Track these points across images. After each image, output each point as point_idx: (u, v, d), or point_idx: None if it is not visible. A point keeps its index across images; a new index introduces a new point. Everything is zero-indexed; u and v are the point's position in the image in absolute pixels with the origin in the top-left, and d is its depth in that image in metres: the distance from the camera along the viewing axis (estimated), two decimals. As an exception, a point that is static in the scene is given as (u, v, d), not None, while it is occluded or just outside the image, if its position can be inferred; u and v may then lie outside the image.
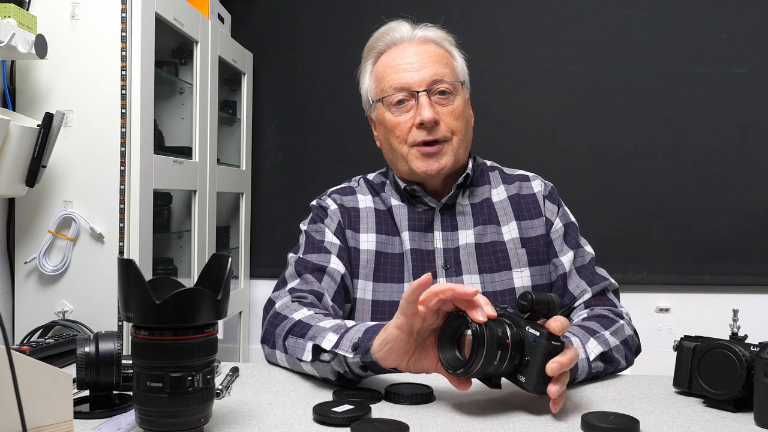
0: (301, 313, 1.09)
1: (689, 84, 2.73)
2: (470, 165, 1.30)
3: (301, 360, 1.03)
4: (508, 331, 0.88)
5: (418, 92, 1.21)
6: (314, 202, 1.35)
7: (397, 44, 1.27)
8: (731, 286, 2.73)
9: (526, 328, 0.89)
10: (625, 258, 2.71)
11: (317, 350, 0.99)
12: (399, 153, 1.25)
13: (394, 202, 1.30)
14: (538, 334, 0.87)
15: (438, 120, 1.21)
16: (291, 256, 1.28)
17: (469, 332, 0.86)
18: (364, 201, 1.32)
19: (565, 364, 0.87)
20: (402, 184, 1.28)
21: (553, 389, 0.86)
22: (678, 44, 2.74)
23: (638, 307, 1.48)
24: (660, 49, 2.74)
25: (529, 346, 0.88)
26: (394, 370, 0.95)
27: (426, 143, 1.21)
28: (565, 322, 0.89)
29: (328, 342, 0.97)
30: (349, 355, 0.94)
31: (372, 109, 1.31)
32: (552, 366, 0.86)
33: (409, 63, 1.23)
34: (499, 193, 1.32)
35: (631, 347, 1.16)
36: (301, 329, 1.05)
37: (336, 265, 1.23)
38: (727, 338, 0.96)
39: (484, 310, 0.86)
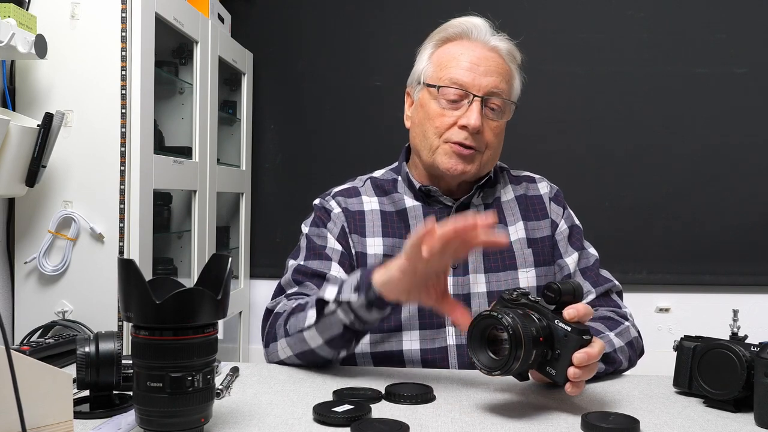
0: (302, 301, 1.13)
1: (689, 84, 2.73)
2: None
3: (304, 329, 1.05)
4: (540, 329, 0.89)
5: (474, 95, 1.19)
6: (317, 202, 1.32)
7: (470, 39, 1.24)
8: (731, 286, 2.73)
9: (555, 322, 0.90)
10: (625, 258, 2.70)
11: (320, 306, 1.02)
12: (429, 143, 1.23)
13: (409, 203, 1.29)
14: (569, 329, 0.89)
15: (481, 130, 1.20)
16: (291, 262, 1.26)
17: (505, 336, 0.87)
18: (370, 203, 1.29)
19: (593, 355, 0.88)
20: (417, 184, 1.27)
21: (571, 371, 0.88)
22: (678, 44, 2.73)
23: (638, 307, 1.48)
24: (660, 49, 2.74)
25: (560, 341, 0.89)
26: (398, 307, 0.98)
27: (461, 144, 1.20)
28: (582, 309, 0.90)
29: (329, 293, 1.01)
30: (354, 298, 0.98)
31: (417, 88, 1.28)
32: (579, 356, 0.87)
33: (475, 64, 1.20)
34: (507, 193, 1.31)
35: (636, 349, 1.17)
36: (301, 308, 1.09)
37: (336, 272, 1.22)
38: (727, 338, 0.96)
39: (493, 235, 0.89)
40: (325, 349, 1.06)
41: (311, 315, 1.04)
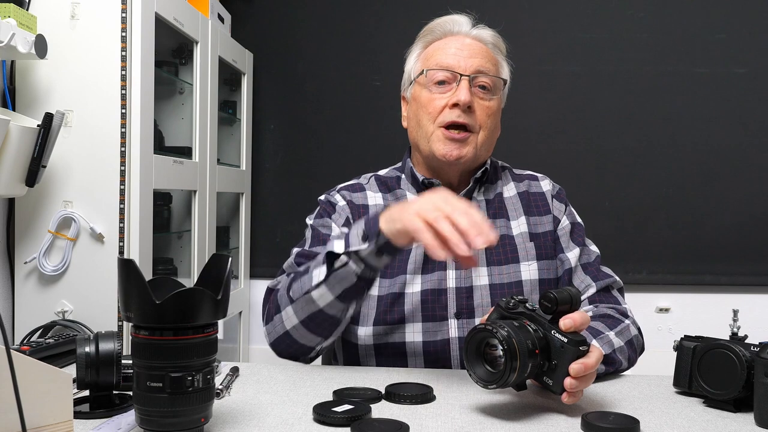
0: (301, 269, 1.13)
1: (689, 84, 2.73)
2: (488, 162, 1.31)
3: (312, 289, 1.05)
4: (536, 340, 0.89)
5: (461, 75, 1.22)
6: (322, 197, 1.35)
7: (454, 35, 1.28)
8: (731, 286, 2.72)
9: (552, 333, 0.90)
10: (625, 258, 2.70)
11: (330, 261, 1.02)
12: (425, 131, 1.25)
13: (410, 196, 1.31)
14: (566, 340, 0.88)
15: (472, 107, 1.22)
16: (295, 249, 1.28)
17: (500, 349, 0.86)
18: (374, 198, 1.32)
19: (590, 366, 0.88)
20: (420, 177, 1.29)
21: (567, 381, 0.88)
22: (678, 44, 2.73)
23: (638, 307, 1.48)
24: (660, 49, 2.74)
25: (556, 351, 0.89)
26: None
27: (455, 125, 1.22)
28: (578, 319, 0.90)
29: (338, 246, 1.01)
30: (363, 246, 0.98)
31: (409, 88, 1.32)
32: (576, 367, 0.88)
33: (459, 50, 1.25)
34: (509, 190, 1.33)
35: (636, 347, 1.17)
36: (304, 272, 1.09)
37: None
38: (727, 338, 0.96)
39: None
40: (336, 305, 1.05)
41: (319, 273, 1.04)
